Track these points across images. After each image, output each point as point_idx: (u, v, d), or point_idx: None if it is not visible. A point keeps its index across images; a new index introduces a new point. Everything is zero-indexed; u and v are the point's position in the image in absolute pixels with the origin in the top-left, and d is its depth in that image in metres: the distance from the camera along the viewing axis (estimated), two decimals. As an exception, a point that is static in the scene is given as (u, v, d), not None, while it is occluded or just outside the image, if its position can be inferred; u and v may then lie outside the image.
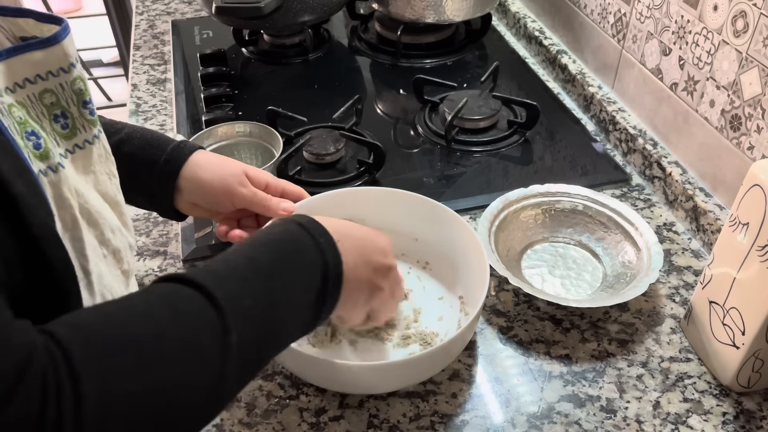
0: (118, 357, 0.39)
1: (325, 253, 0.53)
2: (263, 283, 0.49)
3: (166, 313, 0.43)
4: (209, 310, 0.44)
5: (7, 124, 0.42)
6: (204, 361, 0.43)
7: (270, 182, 0.73)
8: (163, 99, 1.12)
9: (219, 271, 0.48)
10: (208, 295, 0.44)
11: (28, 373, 0.35)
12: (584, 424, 0.65)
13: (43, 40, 0.47)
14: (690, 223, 0.86)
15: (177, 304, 0.44)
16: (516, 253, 0.82)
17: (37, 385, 0.35)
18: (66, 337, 0.38)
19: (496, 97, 1.05)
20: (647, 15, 0.93)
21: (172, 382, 0.41)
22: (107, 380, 0.37)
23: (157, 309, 0.43)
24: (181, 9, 1.41)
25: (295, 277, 0.51)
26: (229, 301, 0.45)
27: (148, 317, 0.42)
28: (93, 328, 0.40)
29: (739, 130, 0.79)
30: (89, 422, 0.36)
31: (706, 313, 0.68)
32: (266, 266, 0.50)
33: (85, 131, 0.51)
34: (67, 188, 0.47)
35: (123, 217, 0.56)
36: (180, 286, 0.45)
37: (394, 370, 0.63)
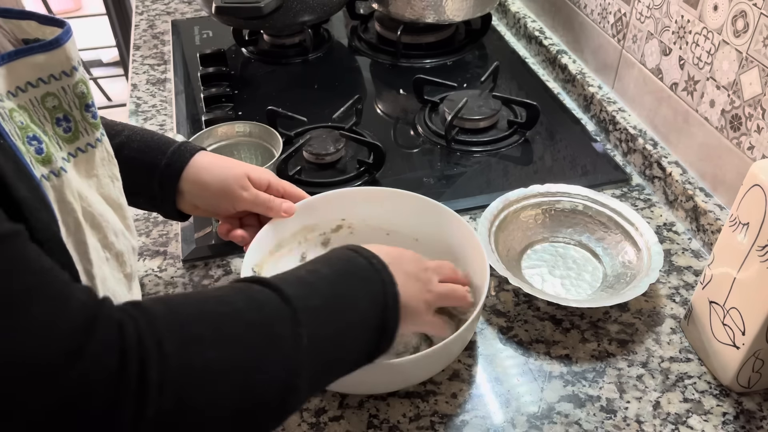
0: (198, 326, 0.40)
1: (380, 272, 0.55)
2: (329, 289, 0.51)
3: (242, 299, 0.45)
4: (281, 304, 0.46)
5: (8, 129, 0.42)
6: (278, 347, 0.44)
7: (272, 182, 0.73)
8: (163, 99, 1.12)
9: (284, 278, 0.50)
10: (279, 292, 0.46)
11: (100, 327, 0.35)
12: (584, 424, 0.65)
13: (45, 43, 0.47)
14: (690, 223, 0.86)
15: (251, 294, 0.46)
16: (516, 253, 0.82)
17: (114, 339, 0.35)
18: (149, 303, 0.39)
19: (496, 97, 1.05)
20: (647, 15, 0.93)
21: (248, 361, 0.42)
22: (188, 345, 0.38)
23: (233, 295, 0.45)
24: (181, 9, 1.41)
25: (359, 289, 0.53)
26: (298, 299, 0.47)
27: (224, 300, 0.44)
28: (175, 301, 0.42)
29: (739, 130, 0.79)
30: (172, 381, 0.37)
31: (706, 313, 0.68)
32: (329, 276, 0.52)
33: (88, 135, 0.51)
34: (69, 192, 0.47)
35: (126, 220, 0.56)
36: (250, 284, 0.47)
37: (394, 370, 0.63)
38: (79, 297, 0.36)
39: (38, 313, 0.34)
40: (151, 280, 0.79)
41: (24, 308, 0.33)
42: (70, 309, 0.35)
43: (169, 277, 0.80)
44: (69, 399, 0.33)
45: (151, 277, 0.80)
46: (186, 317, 0.41)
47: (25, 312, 0.33)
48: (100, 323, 0.36)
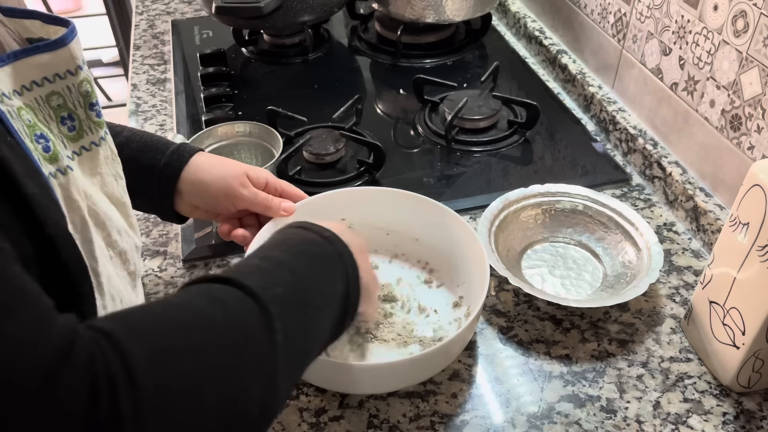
0: (165, 338, 0.37)
1: (335, 244, 0.54)
2: (289, 275, 0.48)
3: (205, 302, 0.42)
4: (247, 299, 0.43)
5: (17, 127, 0.42)
6: (253, 346, 0.41)
7: (270, 181, 0.73)
8: (163, 99, 1.12)
9: (242, 269, 0.47)
10: (242, 287, 0.43)
11: (73, 356, 0.33)
12: (584, 424, 0.65)
13: (50, 42, 0.47)
14: (690, 223, 0.86)
15: (213, 294, 0.43)
16: (516, 253, 0.82)
17: (85, 369, 0.33)
18: (109, 326, 0.36)
19: (496, 97, 1.05)
20: (647, 15, 0.93)
21: (225, 367, 0.39)
22: (158, 361, 0.35)
23: (194, 299, 0.42)
24: (181, 9, 1.41)
25: (318, 266, 0.51)
26: (262, 290, 0.43)
27: (186, 306, 0.41)
28: (133, 316, 0.39)
29: (739, 130, 0.79)
30: (147, 408, 0.34)
31: (707, 313, 0.68)
32: (285, 260, 0.50)
33: (92, 133, 0.52)
34: (75, 190, 0.47)
35: (129, 218, 0.56)
36: (208, 284, 0.44)
37: (394, 370, 0.63)
38: (59, 323, 0.34)
39: (13, 331, 0.32)
40: (151, 280, 0.79)
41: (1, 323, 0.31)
42: (47, 333, 0.33)
43: (169, 277, 0.80)
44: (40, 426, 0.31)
45: (151, 277, 0.80)
46: (151, 331, 0.37)
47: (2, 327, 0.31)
48: (74, 353, 0.33)
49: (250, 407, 0.40)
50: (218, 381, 0.38)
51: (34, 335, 0.32)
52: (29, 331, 0.32)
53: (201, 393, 0.37)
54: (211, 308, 0.41)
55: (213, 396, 0.37)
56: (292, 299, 0.46)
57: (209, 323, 0.40)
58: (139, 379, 0.34)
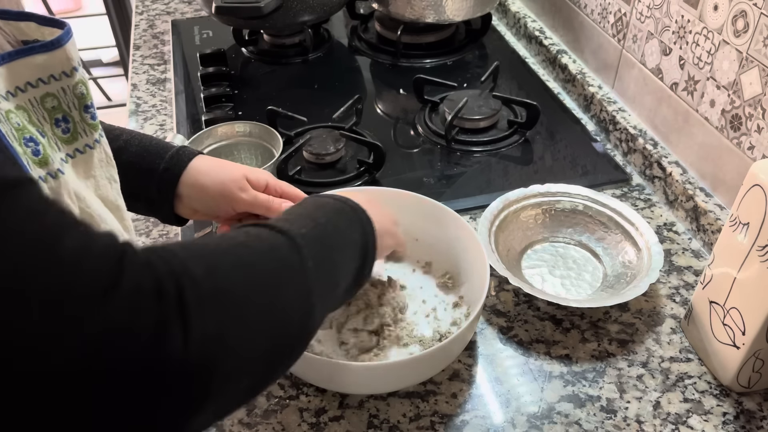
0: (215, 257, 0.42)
1: (347, 201, 0.60)
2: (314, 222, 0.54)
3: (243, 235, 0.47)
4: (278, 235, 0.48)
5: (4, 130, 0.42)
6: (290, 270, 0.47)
7: (270, 183, 0.73)
8: (163, 99, 1.12)
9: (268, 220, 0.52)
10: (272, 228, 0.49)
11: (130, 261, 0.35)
12: (584, 424, 0.65)
13: (45, 43, 0.47)
14: (690, 223, 0.86)
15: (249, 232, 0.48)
16: (516, 253, 0.82)
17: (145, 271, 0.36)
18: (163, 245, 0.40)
19: (496, 97, 1.05)
20: (647, 15, 0.93)
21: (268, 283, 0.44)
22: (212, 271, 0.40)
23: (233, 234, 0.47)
24: (181, 9, 1.41)
25: (337, 218, 0.57)
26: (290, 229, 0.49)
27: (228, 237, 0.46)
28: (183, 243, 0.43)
29: (739, 130, 0.79)
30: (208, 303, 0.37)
31: (707, 313, 0.68)
32: (311, 211, 0.56)
33: (86, 136, 0.51)
34: (66, 194, 0.47)
35: (124, 221, 0.56)
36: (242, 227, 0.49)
37: (394, 370, 0.63)
38: (103, 233, 0.37)
39: (71, 244, 0.34)
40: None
41: (57, 241, 0.34)
42: (98, 241, 0.36)
43: (169, 277, 0.80)
44: (115, 327, 0.33)
45: (151, 277, 0.80)
46: (203, 251, 0.42)
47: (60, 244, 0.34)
48: (128, 256, 0.36)
49: (292, 316, 0.45)
50: (263, 293, 0.43)
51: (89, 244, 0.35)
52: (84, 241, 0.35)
53: (250, 302, 0.41)
54: (249, 239, 0.47)
55: (260, 303, 0.42)
56: (317, 238, 0.52)
57: (251, 249, 0.46)
58: (199, 279, 0.38)
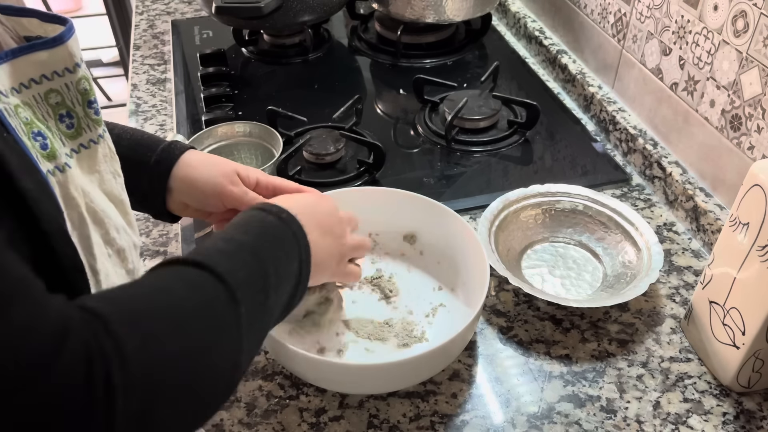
0: (151, 322, 0.41)
1: (291, 225, 0.57)
2: (251, 258, 0.52)
3: (182, 287, 0.46)
4: (217, 284, 0.47)
5: (14, 124, 0.42)
6: (224, 330, 0.46)
7: (260, 180, 0.73)
8: (163, 99, 1.12)
9: (209, 252, 0.51)
10: (211, 271, 0.47)
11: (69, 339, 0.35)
12: (584, 424, 0.65)
13: (48, 40, 0.47)
14: (690, 223, 0.86)
15: (188, 278, 0.47)
16: (516, 253, 0.82)
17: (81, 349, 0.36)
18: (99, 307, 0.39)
19: (496, 97, 1.05)
20: (647, 15, 0.93)
21: (202, 349, 0.44)
22: (146, 343, 0.39)
23: (173, 283, 0.46)
24: (181, 9, 1.41)
25: (276, 248, 0.55)
26: (229, 274, 0.48)
27: (167, 290, 0.45)
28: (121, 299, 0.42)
29: (739, 130, 0.79)
30: (137, 383, 0.37)
31: (707, 313, 0.68)
32: (247, 243, 0.53)
33: (90, 131, 0.52)
34: (74, 187, 0.47)
35: (128, 216, 0.56)
36: (183, 267, 0.48)
37: (394, 370, 0.63)
38: (54, 305, 0.37)
39: (17, 317, 0.34)
40: (151, 280, 0.79)
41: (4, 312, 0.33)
42: (47, 316, 0.35)
43: (169, 277, 0.80)
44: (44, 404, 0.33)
45: (151, 277, 0.80)
46: (137, 314, 0.41)
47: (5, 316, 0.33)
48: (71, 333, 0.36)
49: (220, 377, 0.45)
50: (194, 359, 0.43)
51: (33, 322, 0.34)
52: (28, 317, 0.34)
53: (182, 368, 0.42)
54: (188, 293, 0.46)
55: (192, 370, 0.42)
56: (254, 282, 0.50)
57: (187, 308, 0.45)
58: (129, 359, 0.37)
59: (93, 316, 0.38)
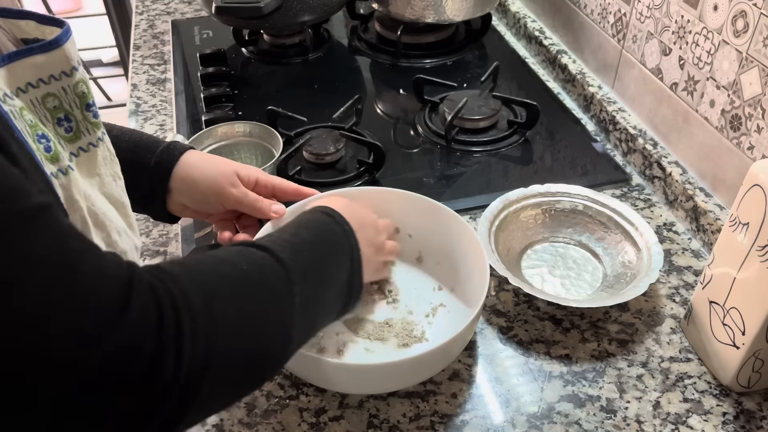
0: (216, 283, 0.46)
1: (350, 238, 0.62)
2: (311, 253, 0.57)
3: (245, 261, 0.51)
4: (276, 265, 0.52)
5: (20, 127, 0.42)
6: (278, 303, 0.51)
7: (260, 179, 0.73)
8: (163, 99, 1.12)
9: (274, 241, 0.56)
10: (273, 254, 0.52)
11: (137, 286, 0.39)
12: (584, 424, 0.65)
13: (44, 43, 0.47)
14: (690, 223, 0.86)
15: (251, 257, 0.52)
16: (516, 253, 0.82)
17: (150, 297, 0.40)
18: (170, 267, 0.44)
19: (496, 97, 1.05)
20: (647, 15, 0.93)
21: (257, 314, 0.48)
22: (209, 300, 0.44)
23: (236, 257, 0.51)
24: (181, 9, 1.41)
25: (332, 254, 0.60)
26: (289, 261, 0.53)
27: (231, 262, 0.50)
28: (190, 264, 0.47)
29: (739, 130, 0.79)
30: (201, 331, 0.41)
31: (706, 313, 0.68)
32: (310, 240, 0.59)
33: (89, 134, 0.51)
34: (76, 190, 0.47)
35: (128, 218, 0.56)
36: (248, 247, 0.53)
37: (394, 370, 0.63)
38: (113, 259, 0.40)
39: (90, 270, 0.37)
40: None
41: (79, 267, 0.37)
42: (112, 268, 0.39)
43: (169, 277, 0.80)
44: (125, 346, 0.37)
45: (151, 277, 0.80)
46: (203, 277, 0.46)
47: (81, 270, 0.37)
48: (135, 281, 0.39)
49: (271, 349, 0.50)
50: (251, 325, 0.47)
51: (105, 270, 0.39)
52: (100, 267, 0.38)
53: (238, 330, 0.46)
54: (249, 267, 0.50)
55: (245, 334, 0.46)
56: (310, 274, 0.55)
57: (248, 279, 0.49)
58: (196, 311, 0.42)
59: (166, 273, 0.43)
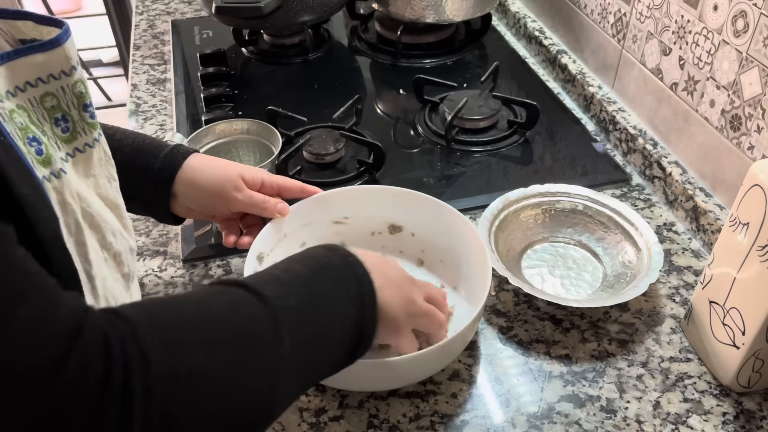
0: (179, 331, 0.40)
1: (355, 269, 0.54)
2: (304, 288, 0.50)
3: (220, 302, 0.45)
4: (259, 304, 0.45)
5: (9, 129, 0.42)
6: (260, 349, 0.43)
7: (265, 180, 0.73)
8: (163, 99, 1.12)
9: (260, 278, 0.49)
10: (255, 293, 0.46)
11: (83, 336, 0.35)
12: (584, 424, 0.65)
13: (44, 42, 0.47)
14: (690, 223, 0.86)
15: (229, 297, 0.45)
16: (516, 253, 0.82)
17: (99, 347, 0.35)
18: (131, 312, 0.39)
19: (496, 97, 1.05)
20: (647, 15, 0.93)
21: (232, 364, 0.41)
22: (171, 350, 0.38)
23: (210, 298, 0.45)
24: (181, 9, 1.41)
25: (333, 287, 0.52)
26: (276, 299, 0.46)
27: (203, 303, 0.44)
28: (153, 307, 0.41)
29: (739, 130, 0.79)
30: (157, 389, 0.36)
31: (706, 313, 0.68)
32: (304, 275, 0.51)
33: (86, 134, 0.51)
34: (69, 193, 0.47)
35: (123, 220, 0.56)
36: (227, 286, 0.47)
37: (395, 368, 0.63)
38: (66, 302, 0.36)
39: (26, 315, 0.33)
40: (151, 280, 0.79)
41: (13, 310, 0.33)
42: (57, 313, 0.35)
43: (169, 277, 0.80)
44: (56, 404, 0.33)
45: (151, 277, 0.80)
46: (167, 323, 0.40)
47: (14, 314, 0.33)
48: (85, 330, 0.35)
49: (252, 404, 0.42)
50: (222, 378, 0.40)
51: (47, 316, 0.34)
52: (42, 312, 0.34)
53: (206, 385, 0.39)
54: (225, 309, 0.44)
55: (216, 390, 0.40)
56: (303, 312, 0.48)
57: (222, 322, 0.43)
58: (152, 363, 0.36)
59: (123, 320, 0.38)
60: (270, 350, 0.44)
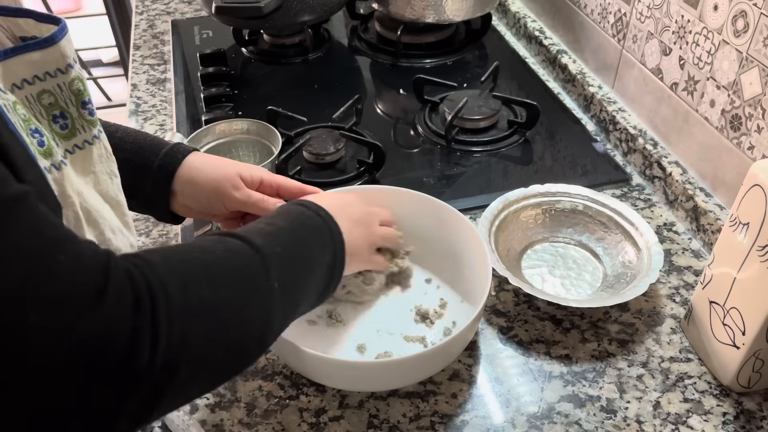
0: (192, 271, 0.47)
1: (328, 222, 0.63)
2: (287, 238, 0.58)
3: (221, 249, 0.51)
4: (252, 251, 0.52)
5: (13, 120, 0.42)
6: (257, 288, 0.51)
7: (264, 179, 0.72)
8: (163, 99, 1.12)
9: (249, 230, 0.56)
10: (249, 242, 0.53)
11: (113, 273, 0.40)
12: (584, 424, 0.65)
13: (40, 40, 0.47)
14: (690, 223, 0.86)
15: (227, 244, 0.52)
16: (516, 253, 0.82)
17: (126, 283, 0.40)
18: (148, 255, 0.45)
19: (496, 97, 1.05)
20: (647, 15, 0.93)
21: (235, 299, 0.48)
22: (186, 286, 0.44)
23: (213, 245, 0.52)
24: (180, 9, 1.41)
25: (313, 238, 0.61)
26: (264, 247, 0.53)
27: (208, 249, 0.51)
28: (167, 251, 0.48)
29: (739, 130, 0.79)
30: (177, 317, 0.42)
31: (707, 313, 0.68)
32: (285, 227, 0.59)
33: (85, 131, 0.51)
34: (69, 186, 0.47)
35: (125, 217, 0.56)
36: (223, 237, 0.54)
37: (395, 368, 0.63)
38: (89, 247, 0.41)
39: (65, 259, 0.38)
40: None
41: (54, 256, 0.37)
42: (88, 256, 0.40)
43: (169, 276, 0.80)
44: (101, 332, 0.38)
45: (151, 277, 0.80)
46: (180, 264, 0.47)
47: (57, 259, 0.37)
48: (112, 267, 0.40)
49: (250, 333, 0.50)
50: (228, 310, 0.48)
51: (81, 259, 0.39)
52: (77, 256, 0.39)
53: (214, 316, 0.46)
54: (225, 254, 0.51)
55: (221, 320, 0.47)
56: (288, 258, 0.55)
57: (224, 266, 0.50)
58: (172, 296, 0.42)
59: (143, 260, 0.43)
60: (264, 288, 0.51)
